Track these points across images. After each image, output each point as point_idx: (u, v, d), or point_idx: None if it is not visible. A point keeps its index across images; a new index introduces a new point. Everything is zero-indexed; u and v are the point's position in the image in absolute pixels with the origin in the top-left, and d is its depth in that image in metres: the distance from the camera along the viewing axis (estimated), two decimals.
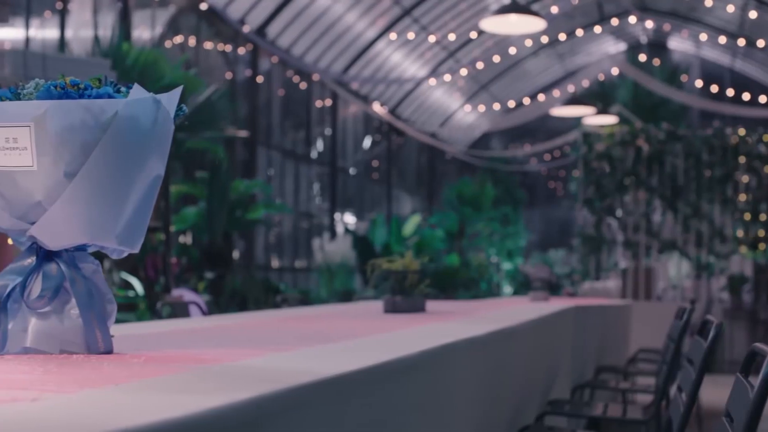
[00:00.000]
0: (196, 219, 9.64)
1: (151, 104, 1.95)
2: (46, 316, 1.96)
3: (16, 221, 1.95)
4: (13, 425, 1.14)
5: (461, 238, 20.84)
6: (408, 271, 4.14)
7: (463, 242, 21.12)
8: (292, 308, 4.72)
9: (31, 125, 1.87)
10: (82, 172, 1.88)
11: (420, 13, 17.04)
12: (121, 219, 1.96)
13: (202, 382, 1.59)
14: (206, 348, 2.19)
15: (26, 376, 1.59)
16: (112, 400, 1.35)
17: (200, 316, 4.70)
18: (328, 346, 2.32)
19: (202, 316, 6.51)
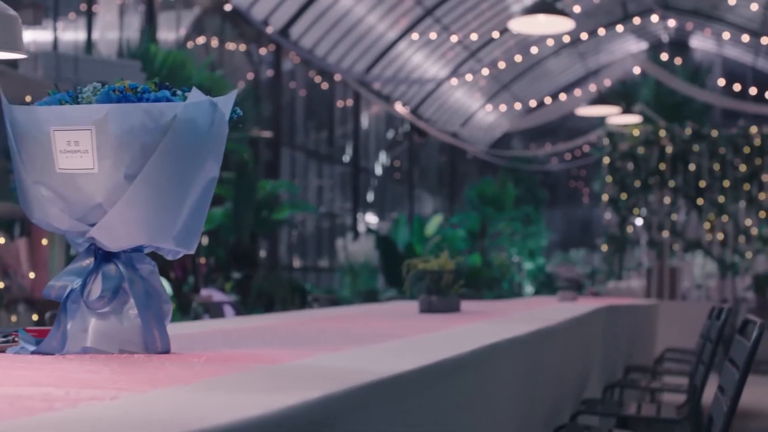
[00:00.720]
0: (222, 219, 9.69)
1: (208, 107, 1.98)
2: (105, 317, 1.99)
3: (76, 223, 1.98)
4: (100, 423, 1.16)
5: (483, 238, 20.83)
6: (444, 271, 4.16)
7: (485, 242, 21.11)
8: (327, 308, 4.75)
9: (92, 128, 1.90)
10: (141, 175, 1.91)
11: (442, 12, 17.05)
12: (179, 220, 1.99)
13: (270, 381, 1.61)
14: (259, 348, 2.21)
15: (95, 376, 1.61)
16: (190, 399, 1.37)
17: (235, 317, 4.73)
18: (377, 346, 2.35)
19: (234, 316, 6.55)
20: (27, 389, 1.41)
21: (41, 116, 1.93)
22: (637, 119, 13.55)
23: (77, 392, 1.38)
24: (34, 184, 1.96)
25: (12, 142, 1.99)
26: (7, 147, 5.72)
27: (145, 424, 1.17)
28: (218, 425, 1.15)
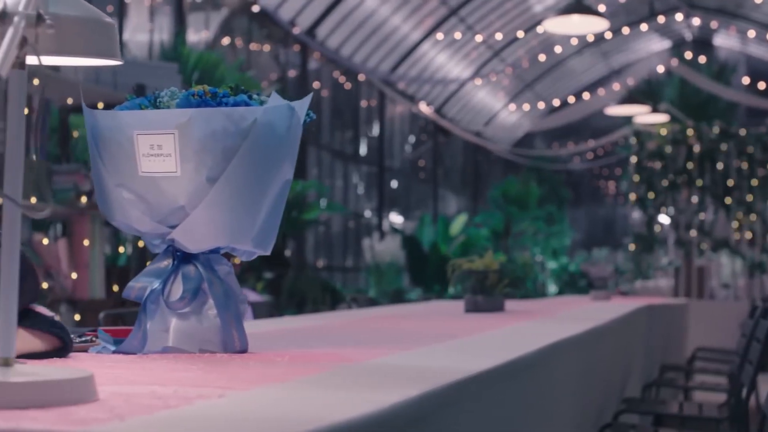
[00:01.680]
0: None
1: (287, 111, 2.02)
2: (185, 317, 2.03)
3: (156, 225, 2.02)
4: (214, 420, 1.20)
5: (507, 238, 20.83)
6: (489, 270, 4.19)
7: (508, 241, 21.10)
8: (372, 308, 4.78)
9: (175, 132, 1.94)
10: (223, 177, 1.95)
11: (466, 12, 17.07)
12: (257, 222, 2.02)
13: (363, 379, 1.65)
14: (331, 347, 2.25)
15: (190, 374, 1.65)
16: (297, 396, 1.41)
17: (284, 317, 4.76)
18: (445, 345, 2.38)
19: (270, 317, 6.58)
20: (133, 388, 1.45)
21: (124, 121, 1.97)
22: (664, 118, 13.53)
23: (185, 390, 1.41)
24: (116, 187, 2.01)
25: (93, 146, 2.04)
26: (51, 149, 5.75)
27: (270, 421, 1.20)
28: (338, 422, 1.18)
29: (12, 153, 1.35)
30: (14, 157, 1.35)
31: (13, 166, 1.34)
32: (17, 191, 1.34)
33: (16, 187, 1.34)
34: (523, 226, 21.61)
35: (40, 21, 1.35)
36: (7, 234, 1.34)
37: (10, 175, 1.34)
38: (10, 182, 1.34)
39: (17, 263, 1.34)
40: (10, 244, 1.33)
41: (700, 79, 16.86)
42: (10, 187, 1.34)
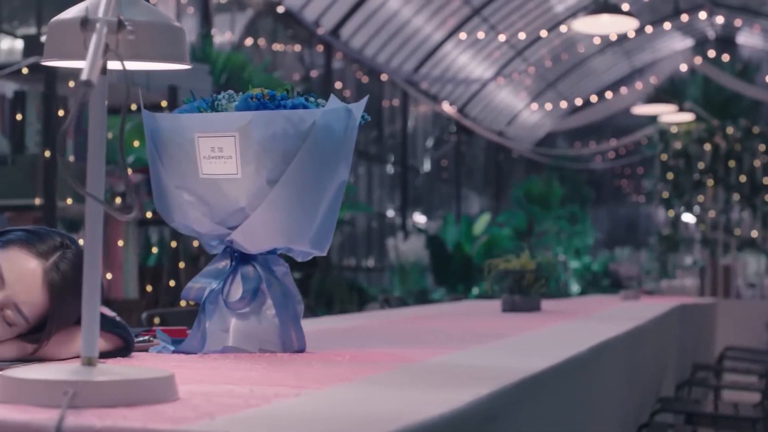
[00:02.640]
0: None
1: (344, 113, 2.04)
2: (245, 317, 2.05)
3: (216, 226, 2.05)
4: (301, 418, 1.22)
5: (530, 237, 20.81)
6: (526, 270, 4.20)
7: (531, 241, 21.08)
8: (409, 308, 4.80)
9: (235, 135, 1.96)
10: (282, 179, 1.97)
11: (489, 12, 17.07)
12: (314, 223, 2.05)
13: (429, 378, 1.67)
14: (385, 346, 2.27)
15: (257, 374, 1.67)
16: (372, 395, 1.43)
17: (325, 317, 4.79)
18: (495, 344, 2.40)
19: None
20: (209, 387, 1.47)
21: (185, 123, 1.99)
22: (689, 117, 13.49)
23: (261, 390, 1.44)
24: (176, 189, 2.03)
25: (152, 148, 2.06)
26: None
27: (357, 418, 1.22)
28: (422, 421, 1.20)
29: (94, 156, 1.37)
30: (96, 160, 1.37)
31: (95, 168, 1.37)
32: (99, 193, 1.37)
33: (98, 189, 1.36)
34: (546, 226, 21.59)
35: (121, 27, 1.38)
36: (90, 236, 1.36)
37: (92, 177, 1.36)
38: (92, 184, 1.36)
39: (99, 264, 1.36)
40: (92, 247, 1.36)
41: (724, 77, 16.81)
42: (92, 189, 1.36)
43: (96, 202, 1.36)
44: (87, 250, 1.36)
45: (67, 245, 1.92)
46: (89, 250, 1.36)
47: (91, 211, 1.36)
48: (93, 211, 1.36)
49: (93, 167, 1.37)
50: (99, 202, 1.30)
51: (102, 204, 1.31)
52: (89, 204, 1.36)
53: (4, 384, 1.31)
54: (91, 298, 1.36)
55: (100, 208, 1.37)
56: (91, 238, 1.36)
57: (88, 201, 1.36)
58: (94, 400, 1.24)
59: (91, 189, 1.36)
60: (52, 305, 1.86)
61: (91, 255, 1.36)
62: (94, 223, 1.36)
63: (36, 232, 1.92)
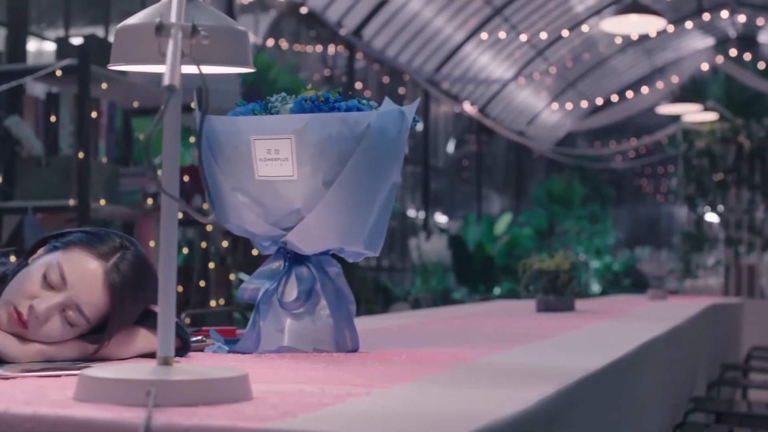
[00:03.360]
0: None
1: (398, 116, 2.06)
2: (300, 317, 2.08)
3: (270, 227, 2.07)
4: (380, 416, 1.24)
5: (551, 237, 20.79)
6: (560, 270, 4.21)
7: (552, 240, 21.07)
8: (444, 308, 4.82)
9: (292, 137, 1.98)
10: (338, 181, 1.99)
11: (510, 12, 17.07)
12: (368, 224, 2.07)
13: (491, 377, 1.68)
14: (436, 346, 2.29)
15: (320, 373, 1.69)
16: (443, 394, 1.45)
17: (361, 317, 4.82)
18: (545, 343, 2.42)
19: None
20: (278, 386, 1.49)
21: (242, 126, 2.02)
22: (713, 116, 13.47)
23: (331, 389, 1.46)
24: (232, 191, 2.05)
25: (207, 150, 2.08)
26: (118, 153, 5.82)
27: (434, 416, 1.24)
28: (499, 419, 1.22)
29: (168, 158, 1.39)
30: (171, 162, 1.39)
31: (170, 170, 1.39)
32: (174, 194, 1.39)
33: (174, 190, 1.39)
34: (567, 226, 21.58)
35: (194, 32, 1.40)
36: (166, 237, 1.39)
37: (168, 178, 1.38)
38: (168, 185, 1.38)
39: (174, 265, 1.39)
40: (168, 248, 1.38)
41: (746, 76, 16.76)
42: (167, 189, 1.38)
43: (172, 204, 1.38)
44: (163, 250, 1.38)
45: (126, 246, 1.94)
46: (165, 250, 1.38)
47: (167, 212, 1.38)
48: (168, 212, 1.39)
49: (168, 168, 1.39)
50: (180, 203, 1.32)
51: (184, 206, 1.33)
52: (165, 205, 1.39)
53: (83, 383, 1.33)
54: (167, 299, 1.38)
55: (175, 209, 1.39)
56: (167, 239, 1.38)
57: (163, 202, 1.39)
58: (173, 399, 1.26)
59: (168, 186, 1.38)
60: (113, 306, 1.89)
61: (166, 256, 1.38)
62: (170, 224, 1.38)
63: (96, 234, 1.95)
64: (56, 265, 1.88)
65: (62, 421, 1.19)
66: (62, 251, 1.91)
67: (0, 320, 1.87)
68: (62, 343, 1.89)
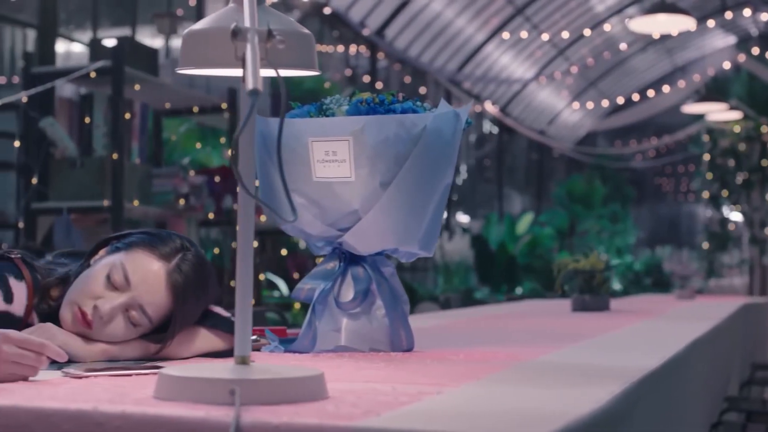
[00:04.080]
0: None
1: (453, 117, 2.08)
2: (356, 317, 2.10)
3: (327, 228, 2.09)
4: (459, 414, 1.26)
5: (572, 236, 20.77)
6: (595, 270, 4.22)
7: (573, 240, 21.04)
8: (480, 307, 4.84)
9: (349, 139, 2.00)
10: (395, 182, 2.01)
11: (532, 11, 17.07)
12: (423, 224, 2.09)
13: (555, 377, 1.70)
14: (488, 345, 2.30)
15: (383, 372, 1.71)
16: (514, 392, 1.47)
17: None
18: (592, 342, 2.44)
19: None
20: (351, 385, 1.51)
21: (299, 128, 2.04)
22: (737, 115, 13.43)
23: (402, 387, 1.48)
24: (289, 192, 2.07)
25: (263, 152, 2.11)
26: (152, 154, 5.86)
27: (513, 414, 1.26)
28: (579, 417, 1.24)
29: (245, 160, 1.42)
30: (247, 163, 1.41)
31: (247, 171, 1.41)
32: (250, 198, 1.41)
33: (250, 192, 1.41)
34: (588, 225, 21.55)
35: (270, 36, 1.42)
36: (243, 238, 1.41)
37: (245, 179, 1.41)
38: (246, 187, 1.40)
39: (251, 267, 1.41)
40: (245, 249, 1.40)
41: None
42: (243, 191, 1.41)
43: (249, 205, 1.40)
44: (240, 252, 1.41)
45: (187, 247, 1.97)
46: (242, 252, 1.41)
47: (244, 213, 1.41)
48: (246, 213, 1.41)
49: (245, 170, 1.41)
50: (265, 205, 1.34)
51: (268, 208, 1.35)
52: (242, 206, 1.41)
53: (163, 382, 1.36)
54: (244, 299, 1.40)
55: (252, 210, 1.41)
56: (244, 240, 1.41)
57: (241, 204, 1.41)
58: (254, 397, 1.28)
59: (243, 191, 1.40)
60: (176, 306, 1.91)
61: (244, 257, 1.40)
62: (247, 225, 1.41)
63: (157, 235, 1.97)
64: (119, 265, 1.90)
65: (150, 419, 1.21)
66: (125, 252, 1.93)
67: (64, 320, 1.90)
68: (125, 342, 1.92)
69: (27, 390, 1.43)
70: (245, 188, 1.30)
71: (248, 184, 1.40)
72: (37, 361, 1.55)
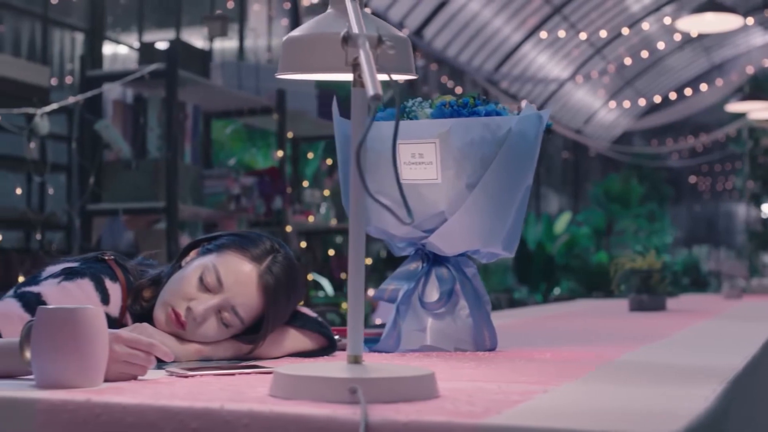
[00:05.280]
0: None
1: (536, 120, 2.10)
2: (441, 317, 2.12)
3: (412, 230, 2.12)
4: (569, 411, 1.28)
5: (609, 236, 20.70)
6: (653, 270, 4.23)
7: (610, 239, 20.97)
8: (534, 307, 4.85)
9: (436, 141, 2.03)
10: (480, 184, 2.04)
11: (570, 10, 17.04)
12: (506, 225, 2.11)
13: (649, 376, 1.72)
14: (563, 345, 2.32)
15: (477, 371, 1.74)
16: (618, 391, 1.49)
17: None
18: (666, 341, 2.45)
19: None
20: (455, 384, 1.53)
21: (386, 131, 2.06)
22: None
23: (507, 386, 1.50)
24: (375, 194, 2.10)
25: (347, 154, 2.14)
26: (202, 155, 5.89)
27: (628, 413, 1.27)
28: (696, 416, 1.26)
29: (356, 162, 1.44)
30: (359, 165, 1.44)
31: (358, 173, 1.44)
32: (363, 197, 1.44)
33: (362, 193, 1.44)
34: (625, 224, 21.46)
35: (380, 42, 1.45)
36: (355, 241, 1.44)
37: (356, 181, 1.43)
38: (356, 188, 1.43)
39: (362, 268, 1.44)
40: (357, 251, 1.43)
41: None
42: (355, 192, 1.43)
43: (361, 208, 1.43)
44: (351, 254, 1.43)
45: (277, 249, 2.00)
46: (354, 254, 1.43)
47: (356, 216, 1.44)
48: (357, 216, 1.44)
49: (356, 171, 1.44)
50: (384, 206, 1.37)
51: (387, 209, 1.38)
52: (353, 210, 1.44)
53: (280, 381, 1.39)
54: (356, 300, 1.43)
55: (363, 214, 1.44)
56: (356, 243, 1.43)
57: (352, 206, 1.44)
58: (372, 396, 1.31)
59: (355, 193, 1.43)
60: (268, 307, 1.94)
61: (355, 259, 1.43)
62: (358, 227, 1.44)
63: (248, 237, 2.00)
64: (212, 267, 1.94)
65: (278, 417, 1.24)
66: (216, 254, 1.97)
67: (158, 320, 1.94)
68: (217, 342, 1.95)
69: (143, 389, 1.47)
70: (368, 191, 1.33)
71: (357, 182, 1.43)
72: (146, 361, 1.59)
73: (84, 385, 1.47)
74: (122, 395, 1.37)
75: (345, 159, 2.15)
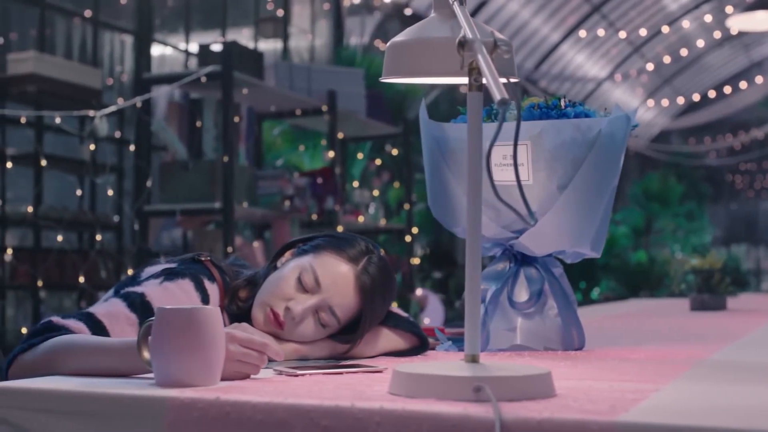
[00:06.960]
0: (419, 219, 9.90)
1: (625, 121, 2.11)
2: (530, 317, 2.15)
3: (501, 230, 2.14)
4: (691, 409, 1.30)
5: (648, 235, 20.63)
6: (714, 269, 4.23)
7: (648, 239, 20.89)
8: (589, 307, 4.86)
9: (527, 143, 2.05)
10: (571, 185, 2.06)
11: (608, 9, 17.00)
12: (594, 226, 2.13)
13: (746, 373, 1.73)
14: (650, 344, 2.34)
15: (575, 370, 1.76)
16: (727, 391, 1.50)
17: None
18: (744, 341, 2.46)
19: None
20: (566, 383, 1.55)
21: None
22: None
23: (618, 385, 1.52)
24: (464, 196, 2.13)
25: (438, 156, 2.16)
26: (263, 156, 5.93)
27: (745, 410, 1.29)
28: None
29: (473, 163, 1.47)
30: (475, 167, 1.47)
31: (475, 175, 1.46)
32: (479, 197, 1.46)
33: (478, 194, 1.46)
34: (663, 224, 21.37)
35: (496, 46, 1.48)
36: (472, 241, 1.46)
37: (472, 183, 1.46)
38: (473, 190, 1.46)
39: (479, 267, 1.46)
40: (473, 251, 1.46)
41: None
42: (473, 194, 1.46)
43: (476, 208, 1.46)
44: (469, 255, 1.46)
45: (372, 250, 2.03)
46: (471, 256, 1.46)
47: (472, 216, 1.46)
48: (473, 216, 1.46)
49: (473, 174, 1.46)
50: (507, 206, 1.40)
51: (513, 210, 1.40)
52: (470, 209, 1.46)
53: (400, 379, 1.41)
54: (473, 301, 1.45)
55: (479, 214, 1.47)
56: (472, 245, 1.46)
57: (469, 206, 1.46)
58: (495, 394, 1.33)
59: (473, 194, 1.46)
60: (364, 307, 1.97)
61: (472, 261, 1.46)
62: (475, 230, 1.46)
63: (343, 238, 2.04)
64: (310, 268, 1.97)
65: (410, 415, 1.27)
66: (313, 255, 2.00)
67: (257, 320, 1.97)
68: (314, 342, 1.98)
69: (264, 387, 1.50)
70: (497, 194, 1.35)
71: (475, 184, 1.46)
72: (259, 360, 1.62)
73: (204, 383, 1.51)
74: (247, 394, 1.40)
75: (433, 162, 2.18)
